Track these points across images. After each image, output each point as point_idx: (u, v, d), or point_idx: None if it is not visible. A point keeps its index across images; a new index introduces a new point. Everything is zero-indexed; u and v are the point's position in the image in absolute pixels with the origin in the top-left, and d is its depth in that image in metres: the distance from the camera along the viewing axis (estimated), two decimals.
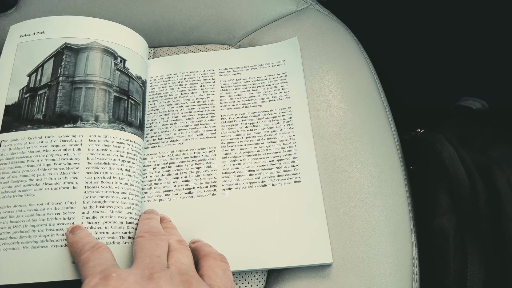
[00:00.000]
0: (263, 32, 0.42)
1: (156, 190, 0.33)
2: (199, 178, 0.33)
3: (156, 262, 0.23)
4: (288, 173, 0.33)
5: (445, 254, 0.31)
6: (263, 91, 0.37)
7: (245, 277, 0.31)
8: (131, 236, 0.29)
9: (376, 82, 0.40)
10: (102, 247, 0.25)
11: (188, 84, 0.38)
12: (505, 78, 0.49)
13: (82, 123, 0.31)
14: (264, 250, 0.30)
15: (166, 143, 0.35)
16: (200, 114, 0.37)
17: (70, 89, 0.32)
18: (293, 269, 0.30)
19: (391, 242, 0.31)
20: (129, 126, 0.33)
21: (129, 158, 0.31)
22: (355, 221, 0.31)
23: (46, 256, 0.27)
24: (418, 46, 0.53)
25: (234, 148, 0.35)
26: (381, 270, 0.30)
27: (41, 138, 0.30)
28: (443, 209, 0.32)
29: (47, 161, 0.29)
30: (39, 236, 0.27)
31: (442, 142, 0.33)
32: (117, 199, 0.29)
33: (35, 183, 0.29)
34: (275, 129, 0.35)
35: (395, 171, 0.35)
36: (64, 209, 0.28)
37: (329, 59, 0.39)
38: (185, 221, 0.32)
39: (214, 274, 0.24)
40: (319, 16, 0.43)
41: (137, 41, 0.37)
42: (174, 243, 0.26)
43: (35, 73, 0.32)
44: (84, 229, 0.27)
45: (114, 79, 0.33)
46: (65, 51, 0.33)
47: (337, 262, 0.30)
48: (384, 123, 0.37)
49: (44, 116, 0.31)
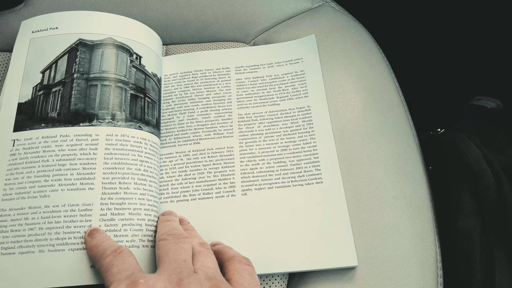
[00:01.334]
0: (278, 30, 0.41)
1: (173, 191, 0.32)
2: (217, 179, 0.32)
3: (183, 267, 0.22)
4: (309, 174, 0.32)
5: (470, 257, 0.30)
6: (280, 89, 0.37)
7: (266, 280, 0.30)
8: (150, 239, 0.28)
9: (394, 80, 0.39)
10: (125, 251, 0.24)
11: (204, 82, 0.37)
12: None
13: (98, 121, 0.30)
14: (285, 252, 0.29)
15: (182, 142, 0.34)
16: (217, 113, 0.36)
17: (85, 86, 0.31)
18: (316, 272, 0.29)
19: (415, 244, 0.30)
20: (146, 125, 0.32)
21: (147, 158, 0.30)
22: (378, 222, 0.30)
23: (63, 260, 0.26)
24: (432, 44, 0.53)
25: (253, 148, 0.34)
26: (405, 273, 0.29)
27: (56, 137, 0.29)
28: (467, 211, 0.31)
29: (62, 161, 0.28)
30: (55, 239, 0.26)
31: (466, 142, 0.32)
32: (136, 201, 0.28)
33: (51, 184, 0.27)
34: (294, 128, 0.34)
35: (417, 171, 0.34)
36: (81, 211, 0.27)
37: (347, 57, 0.38)
38: (203, 223, 0.31)
39: (242, 278, 0.24)
40: (335, 13, 0.42)
41: (152, 38, 0.36)
42: (197, 246, 0.26)
43: (48, 69, 0.31)
44: (103, 232, 0.26)
45: (130, 76, 0.32)
46: (80, 47, 0.32)
47: (361, 264, 0.29)
48: (403, 122, 0.37)
49: (59, 115, 0.30)
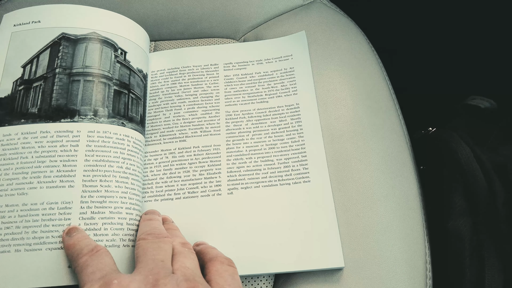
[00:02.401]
0: (269, 26, 0.41)
1: (158, 190, 0.31)
2: (203, 177, 0.32)
3: (160, 267, 0.22)
4: (297, 173, 0.31)
5: (460, 257, 0.29)
6: (269, 86, 0.36)
7: (251, 281, 0.29)
8: (132, 238, 0.27)
9: (386, 79, 0.39)
10: (102, 250, 0.23)
11: (191, 78, 0.37)
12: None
13: (80, 117, 0.29)
14: (271, 253, 0.29)
15: (168, 140, 0.34)
16: (204, 110, 0.35)
17: (67, 81, 0.30)
18: (302, 273, 0.29)
19: (404, 244, 0.30)
20: (130, 121, 0.31)
21: (130, 156, 0.30)
22: (366, 222, 0.30)
23: (40, 260, 0.25)
24: (425, 44, 0.52)
25: (240, 146, 0.33)
26: (393, 274, 0.28)
27: (36, 133, 0.28)
28: (458, 211, 0.31)
29: (42, 158, 0.27)
30: (32, 238, 0.26)
31: (457, 141, 0.31)
32: (117, 199, 0.28)
33: (29, 181, 0.27)
34: (282, 126, 0.34)
35: (407, 170, 0.34)
36: (60, 209, 0.26)
37: (338, 54, 0.38)
38: (188, 222, 0.30)
39: (222, 280, 0.23)
40: (326, 10, 0.42)
41: (139, 33, 0.35)
42: (178, 246, 0.25)
43: (30, 64, 0.30)
44: (82, 231, 0.26)
45: (114, 71, 0.32)
46: (62, 41, 0.31)
47: (348, 265, 0.28)
48: (394, 120, 0.36)
49: (39, 110, 0.29)
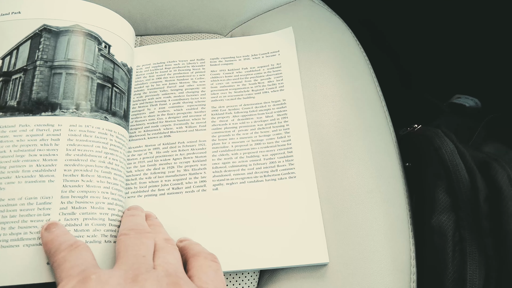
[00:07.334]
0: (256, 22, 0.41)
1: (141, 186, 0.31)
2: (188, 173, 0.31)
3: (141, 263, 0.21)
4: (283, 168, 0.31)
5: (443, 253, 0.30)
6: (256, 82, 0.36)
7: (236, 278, 0.29)
8: (114, 234, 0.27)
9: (372, 76, 0.39)
10: (81, 245, 0.23)
11: (177, 73, 0.36)
12: (498, 77, 0.49)
13: (62, 111, 0.28)
14: (256, 249, 0.28)
15: (152, 135, 0.33)
16: (189, 105, 0.34)
17: (48, 74, 0.29)
18: (287, 269, 0.29)
19: (388, 240, 0.30)
20: (113, 116, 0.30)
21: (113, 150, 0.29)
22: (351, 218, 0.30)
23: (17, 257, 0.24)
24: (411, 43, 0.53)
25: (226, 142, 0.33)
26: (378, 270, 0.28)
27: (15, 126, 0.27)
28: (441, 207, 0.31)
29: (21, 152, 0.27)
30: (9, 235, 0.25)
31: (441, 138, 0.32)
32: (99, 194, 0.27)
33: (7, 175, 0.26)
34: (269, 122, 0.33)
35: (393, 167, 0.34)
36: (39, 204, 0.26)
37: (325, 51, 0.38)
38: (172, 218, 0.30)
39: (205, 275, 0.23)
40: (314, 7, 0.42)
41: (123, 27, 0.34)
42: (161, 242, 0.24)
43: (9, 56, 0.29)
44: (61, 226, 0.25)
45: (97, 65, 0.31)
46: (44, 33, 0.30)
47: (333, 261, 0.28)
48: (380, 117, 0.36)
49: (19, 103, 0.28)
